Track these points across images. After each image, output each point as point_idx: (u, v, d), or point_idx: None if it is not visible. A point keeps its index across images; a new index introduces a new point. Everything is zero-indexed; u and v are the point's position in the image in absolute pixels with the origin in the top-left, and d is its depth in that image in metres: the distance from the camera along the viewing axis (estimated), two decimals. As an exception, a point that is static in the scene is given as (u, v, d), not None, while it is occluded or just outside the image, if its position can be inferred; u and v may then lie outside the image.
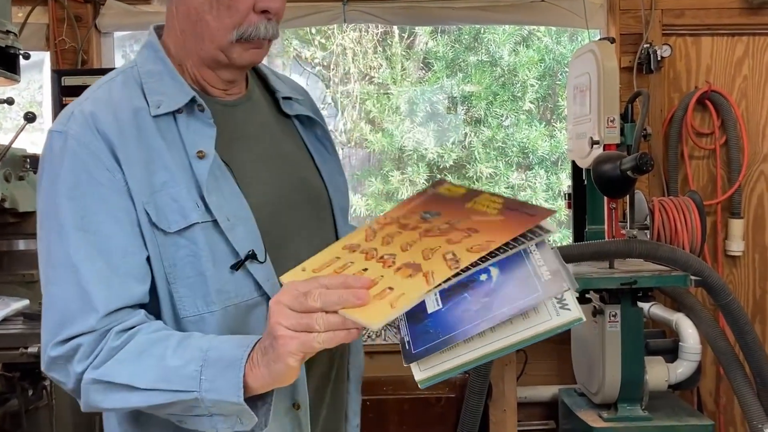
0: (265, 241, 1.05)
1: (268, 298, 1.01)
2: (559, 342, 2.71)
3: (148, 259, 1.00)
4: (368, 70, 5.67)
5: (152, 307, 1.02)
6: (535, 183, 5.39)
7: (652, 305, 2.54)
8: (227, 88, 1.11)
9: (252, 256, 1.02)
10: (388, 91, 5.44)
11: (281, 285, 0.92)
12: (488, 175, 5.44)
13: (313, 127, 1.22)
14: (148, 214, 0.99)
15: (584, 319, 0.83)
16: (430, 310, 0.87)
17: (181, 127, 1.03)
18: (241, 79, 1.13)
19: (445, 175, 5.26)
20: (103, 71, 2.34)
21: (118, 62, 3.12)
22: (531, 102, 5.44)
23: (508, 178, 5.49)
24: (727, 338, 2.32)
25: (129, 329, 0.96)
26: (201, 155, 1.02)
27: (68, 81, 2.15)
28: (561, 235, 5.28)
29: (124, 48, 6.47)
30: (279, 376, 0.87)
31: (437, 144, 5.31)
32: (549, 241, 0.92)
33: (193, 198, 1.00)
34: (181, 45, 1.07)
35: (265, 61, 1.20)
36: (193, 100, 1.04)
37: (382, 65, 5.62)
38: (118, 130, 1.00)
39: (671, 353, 2.39)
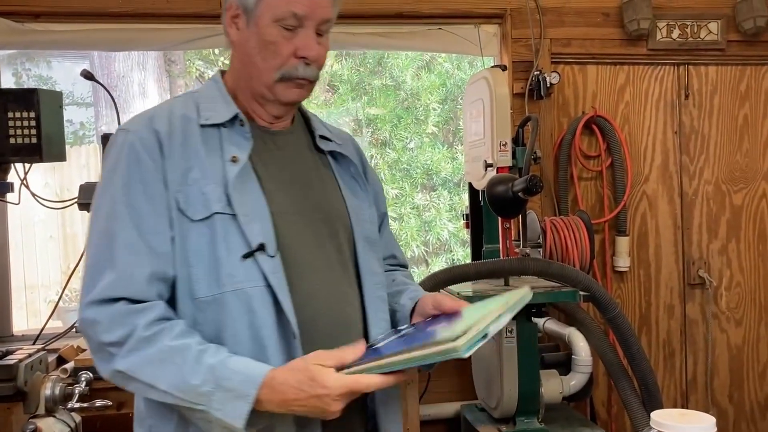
0: (279, 243, 1.22)
1: (272, 289, 1.19)
2: (461, 359, 2.77)
3: (173, 239, 1.19)
4: (273, 92, 5.65)
5: (172, 289, 1.20)
6: (438, 203, 5.52)
7: (547, 320, 2.65)
8: (273, 121, 1.33)
9: (261, 248, 1.20)
10: (294, 113, 5.44)
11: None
12: (394, 196, 5.52)
13: (347, 165, 1.42)
14: (177, 201, 1.19)
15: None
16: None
17: (223, 138, 1.25)
18: (287, 115, 1.36)
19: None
20: (-14, 91, 2.23)
21: (8, 81, 2.98)
22: (434, 125, 5.58)
23: (413, 199, 5.59)
24: (615, 350, 2.44)
25: (157, 321, 1.14)
26: (234, 160, 1.23)
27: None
28: (464, 254, 5.42)
29: (15, 66, 6.18)
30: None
31: (343, 166, 5.34)
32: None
33: (218, 193, 1.20)
34: (237, 81, 1.32)
35: (166, 83, 1.34)
36: (236, 117, 1.27)
37: (287, 87, 5.62)
38: (169, 130, 1.23)
39: (565, 366, 2.50)
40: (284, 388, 1.09)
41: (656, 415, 1.20)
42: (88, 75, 2.29)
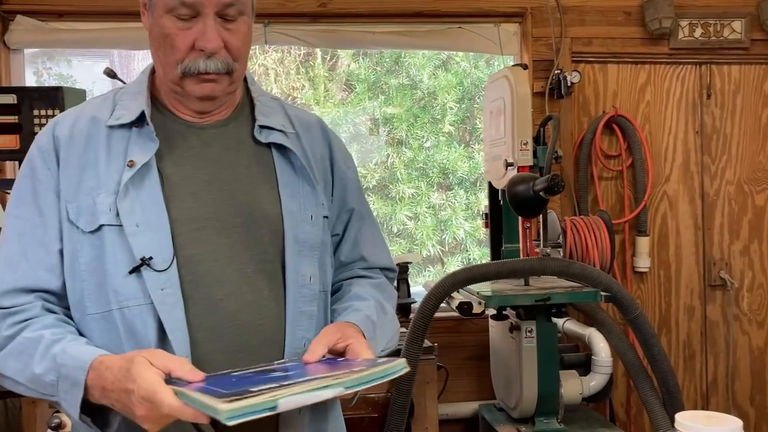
0: (180, 254, 1.11)
1: (154, 306, 1.08)
2: (479, 358, 2.77)
3: (60, 252, 1.12)
4: (291, 91, 5.66)
5: (66, 301, 1.13)
6: (455, 203, 5.50)
7: (566, 320, 2.63)
8: (201, 116, 1.20)
9: (146, 263, 1.08)
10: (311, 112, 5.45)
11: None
12: (410, 195, 5.51)
13: (291, 158, 1.23)
14: (68, 211, 1.11)
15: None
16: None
17: (131, 139, 1.14)
18: (216, 108, 1.21)
19: (368, 195, 5.30)
20: (11, 89, 2.26)
21: (29, 79, 3.01)
22: (450, 124, 5.56)
23: (429, 198, 5.57)
24: (635, 351, 2.42)
25: (24, 321, 1.08)
26: (131, 164, 1.12)
27: (-26, 98, 2.06)
28: (480, 253, 5.41)
29: (36, 65, 6.23)
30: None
31: (360, 165, 5.35)
32: None
33: (108, 203, 1.10)
34: (157, 76, 1.21)
35: None
36: (143, 116, 1.15)
37: (304, 86, 5.62)
38: (69, 135, 1.15)
39: (584, 367, 2.49)
40: (107, 374, 0.98)
41: (681, 417, 1.18)
42: (110, 73, 2.31)
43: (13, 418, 2.22)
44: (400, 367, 1.03)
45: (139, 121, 1.15)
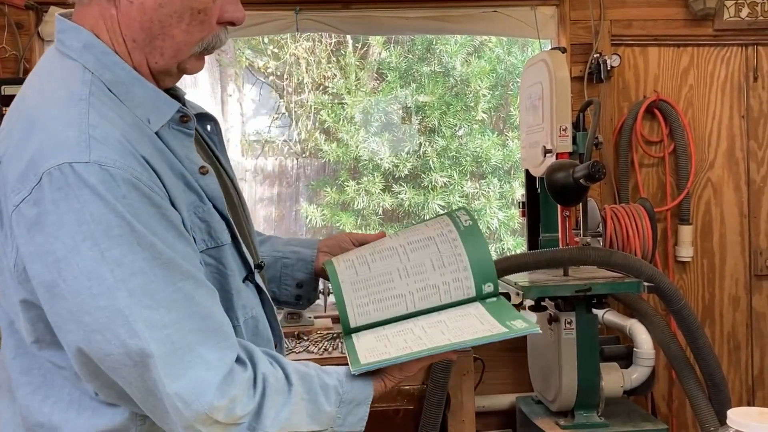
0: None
1: (267, 302, 1.07)
2: (515, 350, 2.71)
3: None
4: (322, 80, 5.64)
5: None
6: (488, 192, 5.43)
7: (606, 312, 2.57)
8: None
9: (259, 265, 1.05)
10: (343, 101, 5.43)
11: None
12: (443, 184, 5.46)
13: (205, 123, 1.15)
14: (192, 235, 0.96)
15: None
16: None
17: (170, 141, 0.97)
18: None
19: (400, 184, 5.26)
20: (45, 80, 2.26)
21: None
22: (484, 112, 5.48)
23: (462, 187, 5.51)
24: (679, 343, 2.35)
25: (268, 360, 0.98)
26: (204, 171, 0.99)
27: (8, 90, 2.07)
28: (515, 243, 5.33)
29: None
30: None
31: (392, 153, 5.31)
32: None
33: (217, 217, 0.99)
34: (132, 52, 0.98)
35: (217, 73, 1.17)
36: (177, 111, 0.99)
37: (336, 75, 5.59)
38: (151, 153, 0.92)
39: (626, 359, 2.42)
40: (386, 380, 1.09)
41: (733, 414, 1.12)
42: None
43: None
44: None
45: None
